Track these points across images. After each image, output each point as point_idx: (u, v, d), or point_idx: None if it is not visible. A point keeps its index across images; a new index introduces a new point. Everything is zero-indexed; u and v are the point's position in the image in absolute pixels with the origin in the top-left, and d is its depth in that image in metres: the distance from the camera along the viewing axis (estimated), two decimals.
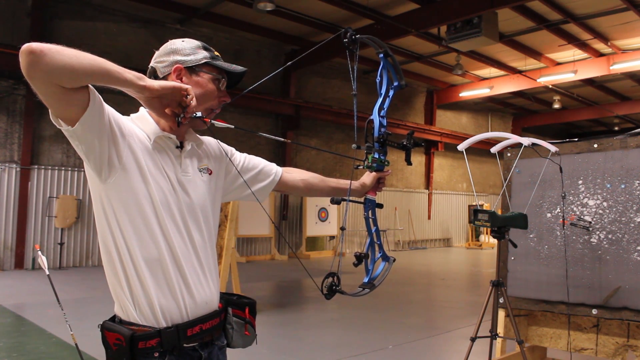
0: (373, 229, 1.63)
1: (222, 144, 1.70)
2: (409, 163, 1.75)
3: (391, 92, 1.71)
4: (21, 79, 10.49)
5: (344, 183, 1.85)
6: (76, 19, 11.38)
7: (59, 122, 1.28)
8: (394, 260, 1.67)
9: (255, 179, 1.75)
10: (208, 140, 1.67)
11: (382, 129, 1.66)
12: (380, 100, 1.68)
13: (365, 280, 1.60)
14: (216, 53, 1.57)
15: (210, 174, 1.59)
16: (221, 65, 1.54)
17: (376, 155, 1.68)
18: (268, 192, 1.79)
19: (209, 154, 1.63)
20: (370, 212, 1.68)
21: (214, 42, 13.42)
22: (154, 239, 1.40)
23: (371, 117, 1.69)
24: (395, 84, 1.70)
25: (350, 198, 1.68)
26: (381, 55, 1.67)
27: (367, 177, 1.81)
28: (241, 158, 1.76)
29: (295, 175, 1.85)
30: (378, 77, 1.71)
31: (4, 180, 10.47)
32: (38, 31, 10.65)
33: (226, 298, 1.62)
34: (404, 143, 1.74)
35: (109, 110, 1.37)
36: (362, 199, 1.75)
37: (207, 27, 13.25)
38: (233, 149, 1.75)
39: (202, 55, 1.52)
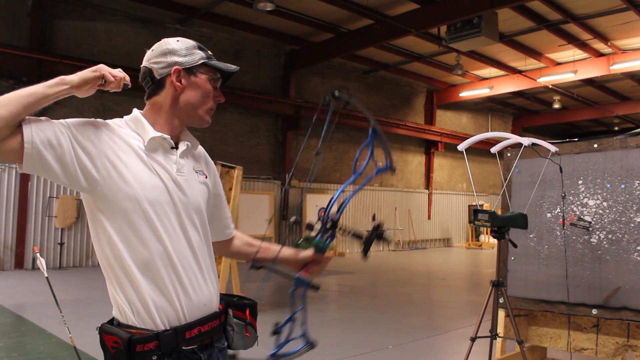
0: (299, 307, 1.44)
1: (209, 159, 1.69)
2: (364, 255, 1.48)
3: (374, 174, 1.45)
4: (21, 78, 10.49)
5: (273, 250, 1.66)
6: (76, 19, 11.37)
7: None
8: (314, 347, 1.47)
9: (221, 218, 1.73)
10: (199, 148, 1.67)
11: (336, 214, 1.44)
12: (353, 177, 1.45)
13: (272, 352, 1.44)
14: (209, 52, 1.56)
15: (205, 177, 1.60)
16: (216, 65, 1.52)
17: (318, 237, 1.44)
18: (215, 239, 1.71)
19: (202, 158, 1.64)
20: (300, 290, 1.47)
21: (214, 42, 13.46)
22: (143, 241, 1.39)
23: (335, 194, 1.47)
24: (384, 167, 1.43)
25: (276, 267, 1.51)
26: (371, 129, 1.44)
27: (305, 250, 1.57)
28: (221, 190, 1.74)
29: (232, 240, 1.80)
30: (358, 154, 1.44)
31: (4, 180, 10.47)
32: (38, 31, 10.64)
33: (226, 299, 1.60)
34: (365, 234, 1.45)
35: (68, 130, 1.33)
36: (291, 273, 1.51)
37: (207, 27, 13.24)
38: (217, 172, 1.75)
39: (198, 55, 1.51)
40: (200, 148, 1.66)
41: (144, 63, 1.53)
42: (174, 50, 1.49)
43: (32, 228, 10.71)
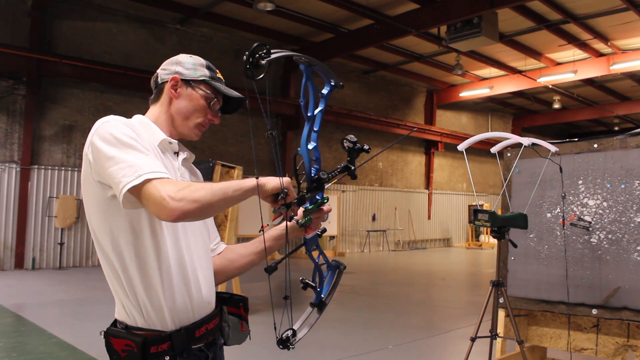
0: (317, 258, 1.44)
1: (199, 174, 1.69)
2: (353, 177, 1.46)
3: (322, 105, 1.40)
4: (21, 78, 10.49)
5: (269, 237, 1.63)
6: (76, 19, 11.37)
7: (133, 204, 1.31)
8: (344, 267, 1.49)
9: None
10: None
11: (315, 167, 1.39)
12: (307, 128, 1.35)
13: (315, 301, 1.48)
14: (219, 75, 1.60)
15: None
16: (217, 87, 1.56)
17: (308, 206, 1.38)
18: None
19: (194, 172, 1.67)
20: (313, 244, 1.46)
21: (214, 42, 13.47)
22: (162, 242, 1.40)
23: (299, 151, 1.38)
24: (327, 88, 1.40)
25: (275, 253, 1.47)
26: (302, 66, 1.38)
27: (299, 212, 1.49)
28: None
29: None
30: (302, 99, 1.37)
31: (4, 180, 10.47)
32: (38, 31, 10.64)
33: (219, 296, 1.63)
34: (346, 162, 1.44)
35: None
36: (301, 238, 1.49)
37: (207, 27, 13.24)
38: None
39: (201, 72, 1.55)
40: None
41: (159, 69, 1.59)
42: (180, 61, 1.56)
43: (32, 228, 10.71)
